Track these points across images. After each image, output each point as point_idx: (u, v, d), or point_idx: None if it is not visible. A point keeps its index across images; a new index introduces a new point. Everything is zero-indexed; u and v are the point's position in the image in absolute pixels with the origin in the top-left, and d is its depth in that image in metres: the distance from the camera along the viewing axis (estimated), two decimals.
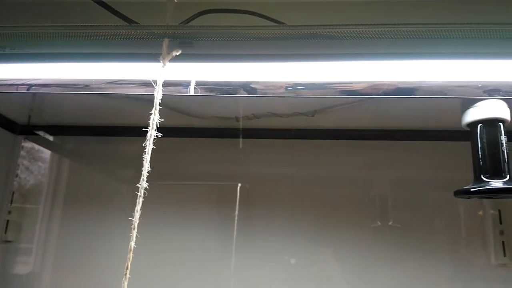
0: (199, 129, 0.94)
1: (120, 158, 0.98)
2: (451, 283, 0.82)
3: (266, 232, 0.91)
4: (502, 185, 0.52)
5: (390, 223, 0.90)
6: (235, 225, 0.92)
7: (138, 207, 0.39)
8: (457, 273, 0.82)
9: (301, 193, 0.92)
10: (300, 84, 0.54)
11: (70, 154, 1.01)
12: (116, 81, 0.49)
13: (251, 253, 0.90)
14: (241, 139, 0.97)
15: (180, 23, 0.48)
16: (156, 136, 0.47)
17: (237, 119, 0.84)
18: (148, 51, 0.49)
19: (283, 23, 0.49)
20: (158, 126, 0.94)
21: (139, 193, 0.39)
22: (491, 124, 0.53)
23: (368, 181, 0.93)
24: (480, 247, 0.84)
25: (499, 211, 0.83)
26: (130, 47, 0.49)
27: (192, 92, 0.56)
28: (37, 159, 1.02)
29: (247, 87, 0.55)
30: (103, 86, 0.50)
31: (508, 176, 0.52)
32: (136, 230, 0.39)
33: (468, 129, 0.55)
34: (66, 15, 0.52)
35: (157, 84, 0.45)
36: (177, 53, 0.45)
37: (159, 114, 0.86)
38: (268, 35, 0.48)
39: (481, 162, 0.53)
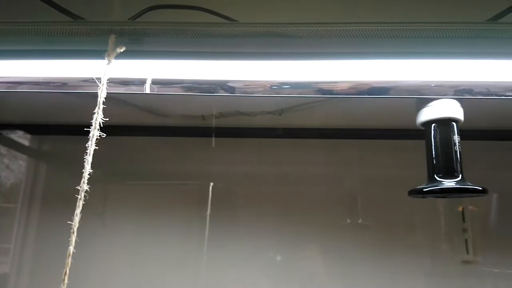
0: (169, 127, 0.93)
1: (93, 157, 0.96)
2: (416, 281, 0.83)
3: (237, 231, 0.90)
4: (454, 184, 0.52)
5: (360, 221, 0.91)
6: (207, 224, 0.91)
7: (78, 211, 0.38)
8: (422, 270, 0.83)
9: (271, 191, 0.92)
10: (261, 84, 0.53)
11: (48, 154, 0.99)
12: (63, 79, 0.48)
13: (223, 252, 0.89)
14: (213, 138, 0.97)
15: (129, 19, 0.47)
16: (102, 135, 0.45)
17: (203, 117, 0.83)
18: (97, 47, 0.48)
19: (235, 20, 0.48)
20: (131, 125, 0.93)
21: (79, 196, 0.38)
22: (444, 123, 0.53)
23: (338, 180, 0.93)
24: (445, 245, 0.85)
25: (463, 209, 0.84)
26: (78, 43, 0.48)
27: (148, 90, 0.55)
28: (18, 158, 1.00)
29: (210, 85, 0.54)
30: (50, 85, 0.49)
31: (460, 175, 0.53)
32: (75, 234, 0.38)
33: (423, 128, 0.56)
34: (9, 12, 0.50)
35: (101, 82, 0.44)
36: (121, 50, 0.44)
37: (129, 114, 0.86)
38: (220, 33, 0.47)
39: (434, 162, 0.54)
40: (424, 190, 0.53)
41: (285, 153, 0.93)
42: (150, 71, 0.54)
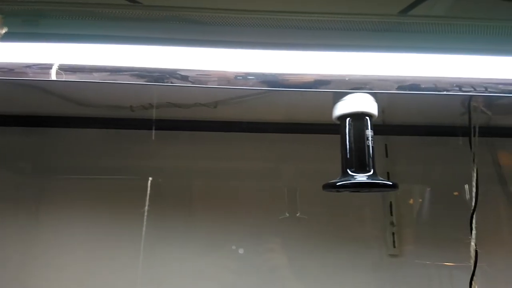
0: (98, 119, 0.89)
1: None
2: (344, 274, 0.84)
3: (176, 227, 0.88)
4: (366, 179, 0.52)
5: (298, 214, 0.91)
6: (145, 220, 0.88)
7: None
8: (350, 263, 0.84)
9: (209, 186, 0.90)
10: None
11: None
12: None
13: (160, 248, 0.87)
14: (153, 131, 0.93)
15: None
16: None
17: (132, 108, 0.80)
18: None
19: (139, 2, 0.46)
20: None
21: None
22: (357, 118, 0.54)
23: (276, 174, 0.92)
24: (374, 238, 0.86)
25: (390, 203, 0.85)
26: None
27: (54, 77, 0.51)
28: None
29: (130, 72, 0.52)
30: None
31: (372, 170, 0.53)
32: None
33: (339, 122, 0.55)
34: None
35: None
36: (3, 31, 0.41)
37: (52, 104, 0.81)
38: (123, 15, 0.45)
39: (347, 156, 0.54)
40: (337, 184, 0.53)
41: (222, 147, 0.91)
42: (54, 55, 0.51)
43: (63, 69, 0.51)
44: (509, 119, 0.83)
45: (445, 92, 0.52)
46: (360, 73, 0.52)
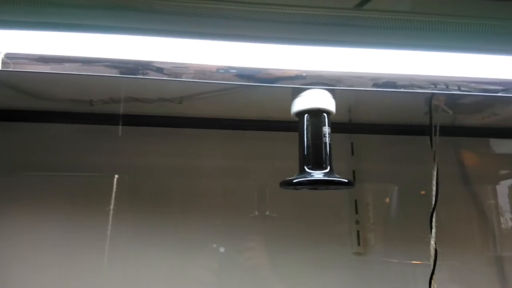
0: (59, 113, 0.85)
1: None
2: (309, 273, 0.83)
3: (142, 226, 0.85)
4: (322, 176, 0.52)
5: (267, 212, 0.90)
6: (110, 219, 0.86)
7: None
8: (316, 262, 0.84)
9: (174, 184, 0.88)
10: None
11: None
12: None
13: (124, 248, 0.84)
14: (120, 127, 0.90)
15: None
16: None
17: (91, 103, 0.77)
18: None
19: None
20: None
21: None
22: (315, 114, 0.53)
23: (246, 172, 0.91)
24: (340, 237, 0.86)
25: (355, 201, 0.85)
26: None
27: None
28: None
29: (91, 63, 0.49)
30: None
31: (329, 167, 0.52)
32: None
33: (297, 119, 0.55)
34: None
35: None
36: None
37: (6, 97, 0.77)
38: (93, 3, 0.42)
39: (305, 153, 0.53)
40: (294, 181, 0.52)
41: (189, 144, 0.89)
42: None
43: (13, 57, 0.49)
44: (474, 118, 0.84)
45: (402, 89, 0.51)
46: (316, 68, 0.51)
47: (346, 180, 0.51)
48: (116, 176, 0.89)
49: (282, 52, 0.51)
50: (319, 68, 0.51)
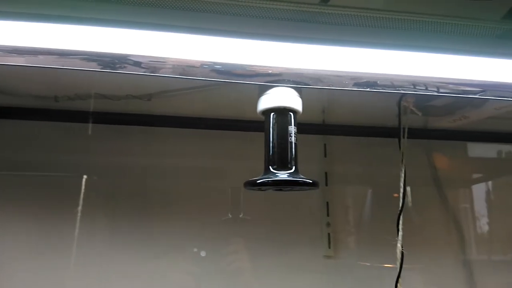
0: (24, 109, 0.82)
1: None
2: (279, 276, 0.82)
3: (114, 228, 0.82)
4: (287, 176, 0.50)
5: (241, 215, 0.88)
6: (78, 221, 0.82)
7: None
8: (287, 265, 0.82)
9: (148, 184, 0.85)
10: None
11: None
12: None
13: (93, 249, 0.81)
14: (90, 124, 0.87)
15: None
16: None
17: (56, 99, 0.74)
18: None
19: None
20: None
21: None
22: (280, 113, 0.51)
23: (220, 173, 0.89)
24: (311, 239, 0.85)
25: (327, 203, 0.84)
26: None
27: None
28: None
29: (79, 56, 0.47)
30: None
31: (294, 167, 0.51)
32: None
33: (263, 117, 0.53)
34: None
35: None
36: None
37: None
38: None
39: (270, 153, 0.51)
40: (258, 182, 0.50)
41: (160, 143, 0.87)
42: None
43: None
44: (445, 121, 0.85)
45: (368, 89, 0.50)
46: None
47: (311, 181, 0.50)
48: (85, 176, 0.86)
49: (249, 47, 0.50)
50: (286, 65, 0.49)
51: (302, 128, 0.91)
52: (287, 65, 0.50)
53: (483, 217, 0.96)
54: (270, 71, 0.50)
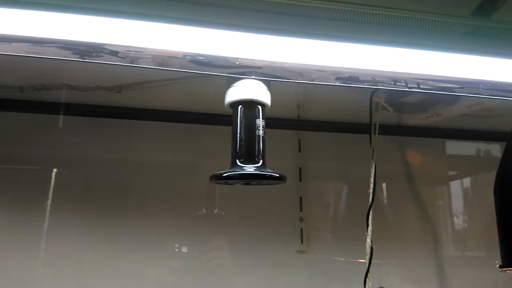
0: None
1: None
2: (252, 272, 0.81)
3: (79, 223, 0.80)
4: (253, 170, 0.49)
5: (216, 210, 0.87)
6: (47, 216, 0.80)
7: None
8: (260, 261, 0.82)
9: (121, 178, 0.83)
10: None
11: None
12: None
13: (63, 245, 0.79)
14: (61, 116, 0.85)
15: None
16: None
17: (21, 89, 0.71)
18: None
19: None
20: None
21: None
22: (248, 106, 0.50)
23: (195, 168, 0.88)
24: (285, 235, 0.84)
25: (300, 198, 0.84)
26: None
27: None
28: None
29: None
30: None
31: (261, 161, 0.50)
32: None
33: (231, 110, 0.52)
34: None
35: None
36: None
37: None
38: None
39: (237, 146, 0.50)
40: (223, 175, 0.49)
41: (133, 136, 0.85)
42: None
43: None
44: (418, 118, 0.85)
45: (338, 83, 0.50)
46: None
47: (278, 175, 0.49)
48: (55, 170, 0.83)
49: (228, 39, 0.48)
50: (265, 58, 0.48)
51: (277, 123, 0.91)
52: (266, 58, 0.49)
53: (455, 214, 0.97)
54: (250, 64, 0.49)
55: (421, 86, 0.53)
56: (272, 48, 0.49)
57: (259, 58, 0.49)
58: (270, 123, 0.90)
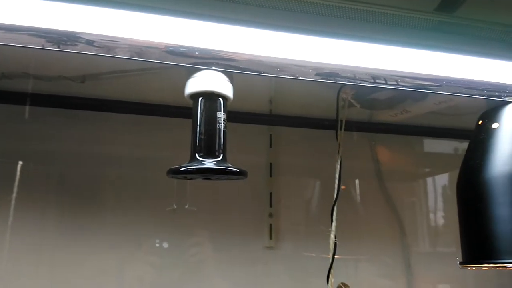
0: None
1: None
2: (221, 268, 0.80)
3: (42, 218, 0.77)
4: (213, 165, 0.48)
5: (187, 206, 0.85)
6: (12, 210, 0.77)
7: None
8: (229, 257, 0.81)
9: (82, 173, 0.80)
10: None
11: None
12: None
13: (25, 243, 0.76)
14: (27, 107, 0.82)
15: None
16: None
17: None
18: None
19: None
20: None
21: None
22: (209, 98, 0.49)
23: (165, 163, 0.85)
24: (254, 230, 0.84)
25: (270, 194, 0.83)
26: None
27: None
28: None
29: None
30: None
31: (222, 156, 0.49)
32: None
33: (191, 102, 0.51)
34: None
35: None
36: None
37: None
38: None
39: (197, 139, 0.49)
40: (181, 169, 0.48)
41: (98, 129, 0.82)
42: None
43: None
44: (387, 115, 0.85)
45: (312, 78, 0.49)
46: None
47: (237, 170, 0.48)
48: (20, 162, 0.80)
49: (206, 30, 0.47)
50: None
51: (248, 117, 0.90)
52: (233, 49, 0.48)
53: (423, 210, 0.98)
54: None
55: (388, 82, 0.53)
56: (238, 39, 0.48)
57: (227, 49, 0.48)
58: (242, 117, 0.92)
